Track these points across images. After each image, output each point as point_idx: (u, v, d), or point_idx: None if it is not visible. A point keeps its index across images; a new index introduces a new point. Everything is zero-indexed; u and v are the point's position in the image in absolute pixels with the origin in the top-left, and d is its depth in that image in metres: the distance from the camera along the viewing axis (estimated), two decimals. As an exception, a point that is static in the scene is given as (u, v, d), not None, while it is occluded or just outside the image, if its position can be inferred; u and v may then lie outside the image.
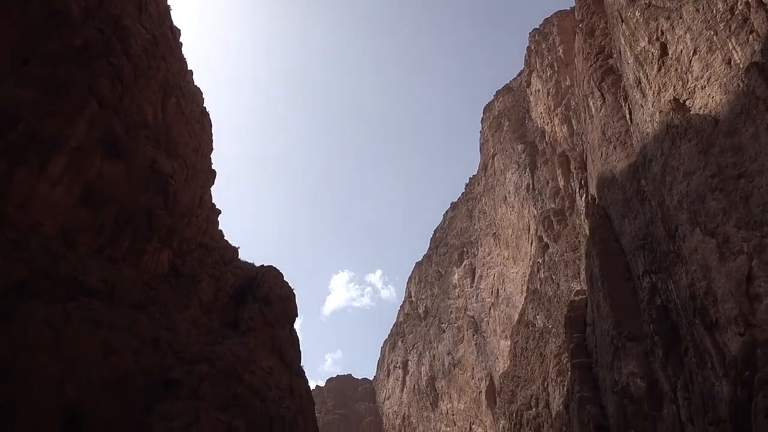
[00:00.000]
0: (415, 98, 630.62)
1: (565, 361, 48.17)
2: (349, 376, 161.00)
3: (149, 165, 35.41)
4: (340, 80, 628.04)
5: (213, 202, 49.19)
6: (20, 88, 26.22)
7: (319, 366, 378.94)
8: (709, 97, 26.07)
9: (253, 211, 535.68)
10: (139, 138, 34.78)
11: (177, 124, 41.14)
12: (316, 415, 46.43)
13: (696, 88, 27.17)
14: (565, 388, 46.28)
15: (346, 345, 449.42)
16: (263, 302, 41.58)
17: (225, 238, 49.74)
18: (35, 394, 20.50)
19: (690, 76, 27.70)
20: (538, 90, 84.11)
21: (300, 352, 43.19)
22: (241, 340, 35.83)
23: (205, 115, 48.49)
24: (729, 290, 22.16)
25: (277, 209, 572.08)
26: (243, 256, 47.57)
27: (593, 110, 43.47)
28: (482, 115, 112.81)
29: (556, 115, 74.70)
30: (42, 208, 26.75)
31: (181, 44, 45.48)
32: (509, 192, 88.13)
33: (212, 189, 49.50)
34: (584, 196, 55.29)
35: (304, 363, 44.04)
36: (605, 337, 35.88)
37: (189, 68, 46.48)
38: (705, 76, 26.46)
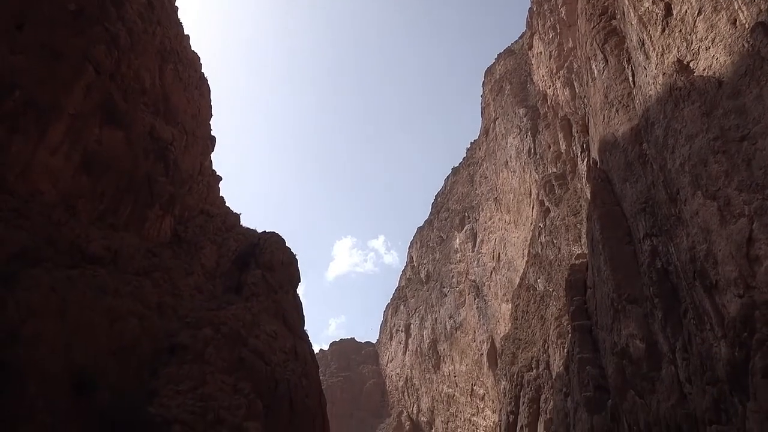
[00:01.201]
0: (415, 63, 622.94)
1: (565, 324, 48.72)
2: (352, 339, 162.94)
3: (148, 132, 35.26)
4: (340, 44, 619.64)
5: (213, 168, 49.15)
6: (15, 54, 25.91)
7: (323, 331, 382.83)
8: (713, 59, 25.70)
9: (254, 177, 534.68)
10: (137, 105, 34.54)
11: (175, 91, 40.80)
12: (321, 377, 47.20)
13: (700, 50, 26.77)
14: (565, 350, 46.92)
15: (350, 310, 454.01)
16: (266, 268, 41.91)
17: (226, 204, 49.87)
18: (44, 358, 20.84)
19: (694, 37, 27.26)
20: (540, 52, 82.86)
21: (303, 316, 43.67)
22: (244, 305, 36.23)
23: (203, 80, 48.05)
24: (729, 252, 22.25)
25: (279, 177, 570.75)
26: (245, 222, 47.83)
27: (596, 73, 42.93)
28: (483, 79, 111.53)
29: (558, 78, 73.74)
30: (42, 176, 26.74)
31: (176, 8, 44.76)
32: (510, 156, 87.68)
33: (212, 155, 49.39)
34: (586, 160, 55.06)
35: (309, 328, 44.57)
36: (605, 299, 36.19)
37: (186, 33, 45.87)
38: (709, 36, 26.04)
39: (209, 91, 49.05)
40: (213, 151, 49.53)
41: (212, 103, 49.75)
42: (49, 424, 19.12)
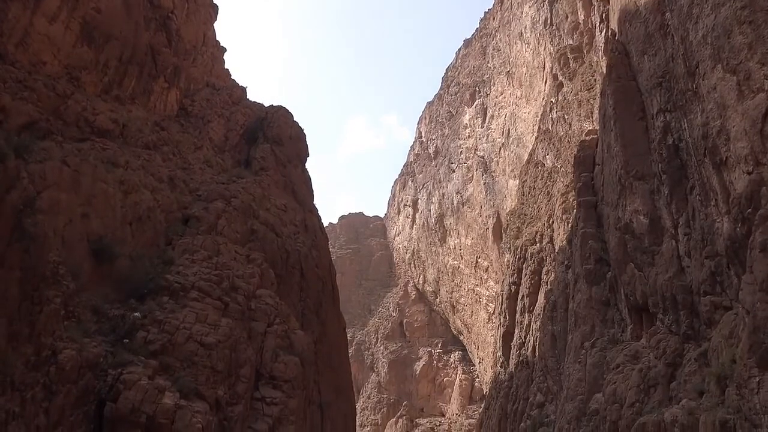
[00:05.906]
0: None
1: (571, 200, 49.24)
2: (361, 213, 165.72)
3: (148, -1, 33.78)
4: None
5: (217, 39, 47.57)
6: None
7: (335, 206, 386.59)
8: None
9: (260, 50, 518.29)
10: (133, -32, 32.75)
11: (173, -47, 38.44)
12: (330, 249, 48.78)
13: None
14: (569, 225, 47.82)
15: (361, 186, 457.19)
16: (274, 142, 41.93)
17: (232, 77, 48.85)
18: (62, 227, 21.56)
19: None
20: None
21: (312, 190, 44.33)
22: (254, 178, 36.70)
23: (201, -60, 45.09)
24: (743, 129, 21.88)
25: (290, 53, 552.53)
26: (251, 97, 47.14)
27: (622, -67, 39.84)
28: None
29: (581, -60, 68.61)
30: (43, 46, 26.04)
31: None
32: (525, 27, 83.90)
33: (216, 25, 47.58)
34: (604, 31, 52.68)
35: (320, 204, 45.48)
36: (613, 176, 36.27)
37: None
38: None
39: (208, -48, 46.25)
40: (216, 20, 47.67)
41: (212, -33, 47.10)
42: (73, 290, 20.14)
